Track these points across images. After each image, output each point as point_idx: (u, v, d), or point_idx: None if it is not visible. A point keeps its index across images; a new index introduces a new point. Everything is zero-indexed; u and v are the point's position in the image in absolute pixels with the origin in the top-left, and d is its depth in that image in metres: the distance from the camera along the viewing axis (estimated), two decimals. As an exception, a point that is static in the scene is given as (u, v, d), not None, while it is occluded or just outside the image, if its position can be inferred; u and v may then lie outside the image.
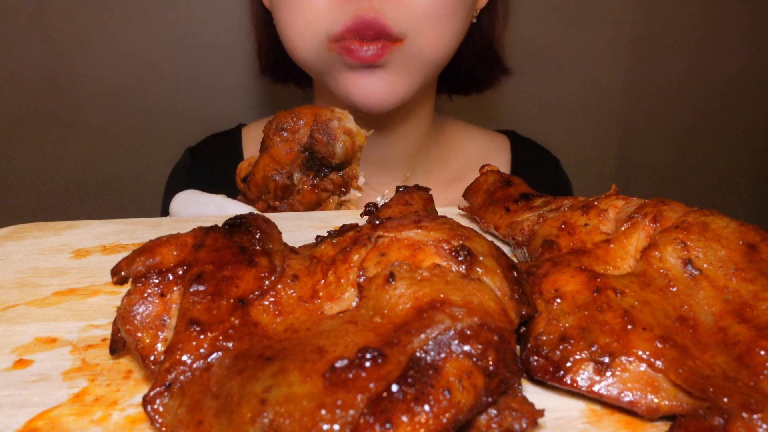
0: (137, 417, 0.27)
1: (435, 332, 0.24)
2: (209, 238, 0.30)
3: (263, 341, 0.26)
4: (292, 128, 0.53)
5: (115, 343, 0.30)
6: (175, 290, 0.28)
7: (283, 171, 0.54)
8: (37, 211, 1.11)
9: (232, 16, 1.02)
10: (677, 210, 0.33)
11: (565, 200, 0.40)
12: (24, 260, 0.42)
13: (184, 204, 0.53)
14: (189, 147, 0.92)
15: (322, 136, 0.51)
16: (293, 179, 0.54)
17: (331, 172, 0.54)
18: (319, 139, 0.51)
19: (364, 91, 0.67)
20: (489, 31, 0.82)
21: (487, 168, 0.49)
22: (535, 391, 0.28)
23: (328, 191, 0.54)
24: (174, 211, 0.54)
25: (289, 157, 0.53)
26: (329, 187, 0.54)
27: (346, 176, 0.54)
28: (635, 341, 0.27)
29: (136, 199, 1.12)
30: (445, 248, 0.28)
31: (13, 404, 0.27)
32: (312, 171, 0.54)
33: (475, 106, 1.16)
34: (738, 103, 1.25)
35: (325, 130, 0.51)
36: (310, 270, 0.30)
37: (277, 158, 0.54)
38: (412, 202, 0.39)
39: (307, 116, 0.53)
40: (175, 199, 0.54)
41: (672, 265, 0.31)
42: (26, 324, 0.34)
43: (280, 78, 0.90)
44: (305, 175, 0.54)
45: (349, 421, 0.21)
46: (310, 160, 0.53)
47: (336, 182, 0.53)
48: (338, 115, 0.52)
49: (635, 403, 0.26)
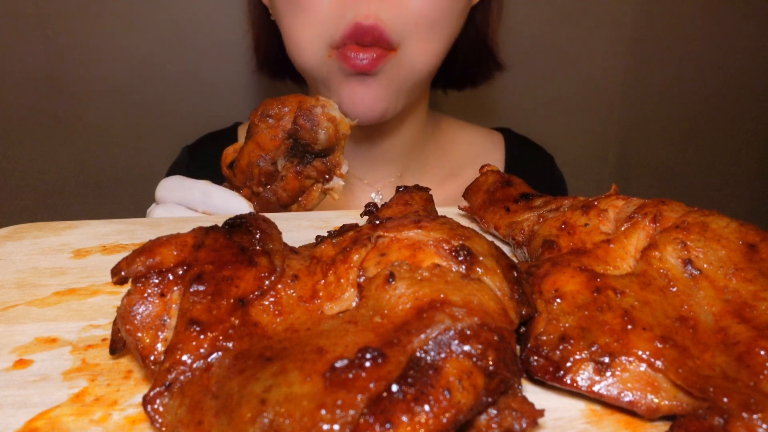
0: (137, 417, 0.27)
1: (435, 332, 0.24)
2: (209, 238, 0.30)
3: (263, 341, 0.26)
4: (277, 115, 0.54)
5: (115, 343, 0.30)
6: (175, 290, 0.28)
7: (267, 157, 0.54)
8: (37, 211, 1.11)
9: (230, 14, 1.02)
10: (677, 210, 0.33)
11: (565, 200, 0.40)
12: (24, 260, 0.42)
13: (168, 189, 0.53)
14: (186, 145, 0.92)
15: (306, 122, 0.51)
16: (277, 166, 0.54)
17: (314, 159, 0.54)
18: (303, 125, 0.51)
19: (353, 100, 0.68)
20: (483, 26, 0.82)
21: (487, 168, 0.49)
22: (535, 391, 0.28)
23: (311, 178, 0.54)
24: (160, 198, 0.54)
25: (274, 144, 0.54)
26: (312, 174, 0.54)
27: (329, 164, 0.54)
28: (635, 341, 0.27)
29: (136, 198, 1.12)
30: (445, 248, 0.28)
31: (13, 404, 0.27)
32: (296, 158, 0.54)
33: (474, 105, 1.16)
34: (738, 103, 1.25)
35: (308, 116, 0.52)
36: (310, 270, 0.30)
37: (262, 144, 0.54)
38: (412, 202, 0.39)
39: (292, 104, 0.54)
40: (160, 185, 0.54)
41: (672, 265, 0.31)
42: (26, 324, 0.34)
43: (278, 74, 0.90)
44: (289, 161, 0.54)
45: (349, 421, 0.21)
46: (294, 147, 0.54)
47: (319, 169, 0.54)
48: (322, 102, 0.53)
49: (635, 403, 0.26)
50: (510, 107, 1.18)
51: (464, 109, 1.12)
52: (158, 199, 0.54)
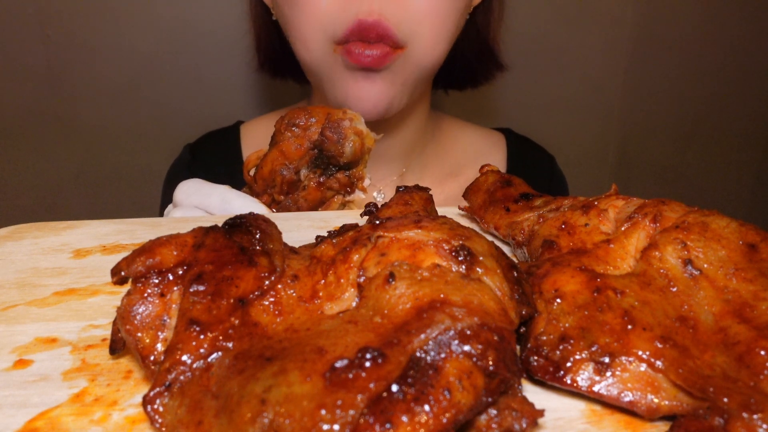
0: (137, 417, 0.27)
1: (435, 332, 0.24)
2: (209, 238, 0.30)
3: (263, 341, 0.26)
4: (303, 125, 0.54)
5: (115, 343, 0.30)
6: (175, 290, 0.28)
7: (291, 166, 0.54)
8: (37, 211, 1.11)
9: (230, 14, 1.02)
10: (677, 210, 0.33)
11: (565, 200, 0.40)
12: (24, 260, 0.42)
13: (187, 194, 0.53)
14: (188, 144, 0.92)
15: (333, 134, 0.52)
16: (300, 175, 0.55)
17: (338, 171, 0.55)
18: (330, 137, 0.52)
19: (358, 96, 0.68)
20: (484, 26, 0.83)
21: (487, 168, 0.49)
22: (535, 391, 0.28)
23: (333, 190, 0.55)
24: (178, 201, 0.53)
25: (299, 153, 0.54)
26: (335, 186, 0.54)
27: (352, 177, 0.54)
28: (635, 341, 0.27)
29: (136, 198, 1.12)
30: (445, 248, 0.28)
31: (13, 404, 0.27)
32: (319, 169, 0.55)
33: (475, 105, 1.16)
34: (738, 103, 1.25)
35: (336, 128, 0.52)
36: (310, 270, 0.30)
37: (287, 153, 0.54)
38: (412, 202, 0.39)
39: (319, 115, 0.54)
40: (179, 188, 0.53)
41: (672, 265, 0.31)
42: (26, 324, 0.34)
43: (279, 73, 0.90)
44: (312, 172, 0.54)
45: (349, 421, 0.21)
46: (318, 158, 0.54)
47: (342, 182, 0.54)
48: (350, 116, 0.53)
49: (635, 403, 0.26)
50: (510, 107, 1.18)
51: (465, 109, 1.12)
52: (176, 202, 0.53)
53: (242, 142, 0.90)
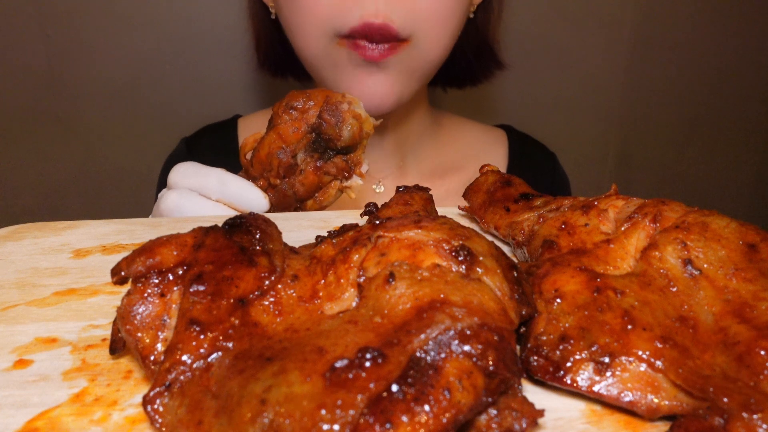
0: (137, 417, 0.27)
1: (435, 332, 0.24)
2: (209, 238, 0.30)
3: (263, 341, 0.26)
4: (302, 108, 0.54)
5: (115, 343, 0.30)
6: (175, 290, 0.28)
7: (288, 149, 0.54)
8: (37, 211, 1.11)
9: (230, 13, 1.02)
10: (677, 210, 0.33)
11: (565, 200, 0.40)
12: (24, 260, 0.42)
13: (184, 175, 0.52)
14: (184, 137, 0.91)
15: (331, 118, 0.51)
16: (297, 159, 0.54)
17: (335, 155, 0.54)
18: (328, 120, 0.51)
19: (365, 91, 0.68)
20: (484, 25, 0.83)
21: (487, 168, 0.49)
22: (535, 391, 0.28)
23: (330, 175, 0.54)
24: (173, 182, 0.53)
25: (296, 137, 0.54)
26: (332, 170, 0.54)
27: (350, 161, 0.54)
28: (635, 341, 0.27)
29: (136, 198, 1.12)
30: (445, 248, 0.28)
31: (12, 404, 0.27)
32: (317, 153, 0.54)
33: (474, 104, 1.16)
34: (738, 103, 1.25)
35: (334, 111, 0.51)
36: (310, 270, 0.30)
37: (284, 136, 0.54)
38: (412, 202, 0.39)
39: (318, 98, 0.54)
40: (174, 170, 0.53)
41: (672, 265, 0.31)
42: (26, 324, 0.34)
43: (279, 72, 0.90)
44: (309, 156, 0.54)
45: (349, 421, 0.21)
46: (316, 142, 0.54)
47: (339, 166, 0.53)
48: (349, 99, 0.53)
49: (635, 403, 0.26)
50: (510, 106, 1.18)
51: (464, 107, 1.12)
52: (171, 184, 0.53)
53: (239, 136, 0.89)
